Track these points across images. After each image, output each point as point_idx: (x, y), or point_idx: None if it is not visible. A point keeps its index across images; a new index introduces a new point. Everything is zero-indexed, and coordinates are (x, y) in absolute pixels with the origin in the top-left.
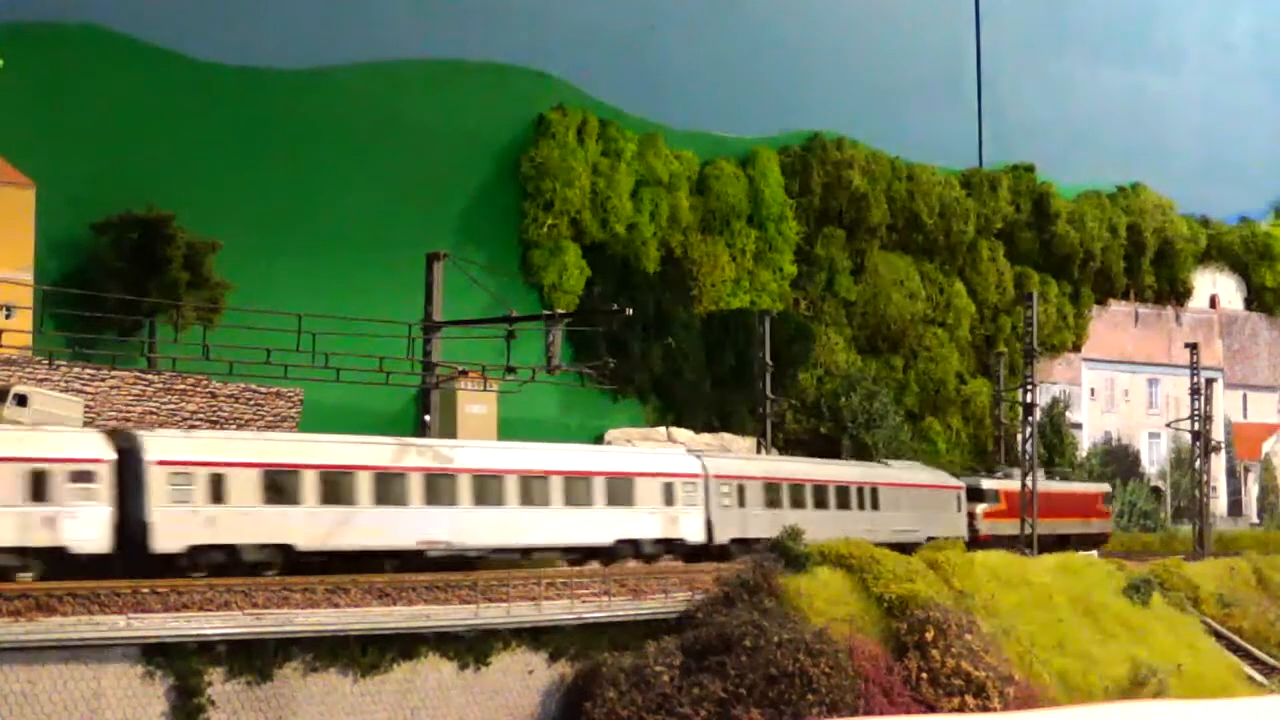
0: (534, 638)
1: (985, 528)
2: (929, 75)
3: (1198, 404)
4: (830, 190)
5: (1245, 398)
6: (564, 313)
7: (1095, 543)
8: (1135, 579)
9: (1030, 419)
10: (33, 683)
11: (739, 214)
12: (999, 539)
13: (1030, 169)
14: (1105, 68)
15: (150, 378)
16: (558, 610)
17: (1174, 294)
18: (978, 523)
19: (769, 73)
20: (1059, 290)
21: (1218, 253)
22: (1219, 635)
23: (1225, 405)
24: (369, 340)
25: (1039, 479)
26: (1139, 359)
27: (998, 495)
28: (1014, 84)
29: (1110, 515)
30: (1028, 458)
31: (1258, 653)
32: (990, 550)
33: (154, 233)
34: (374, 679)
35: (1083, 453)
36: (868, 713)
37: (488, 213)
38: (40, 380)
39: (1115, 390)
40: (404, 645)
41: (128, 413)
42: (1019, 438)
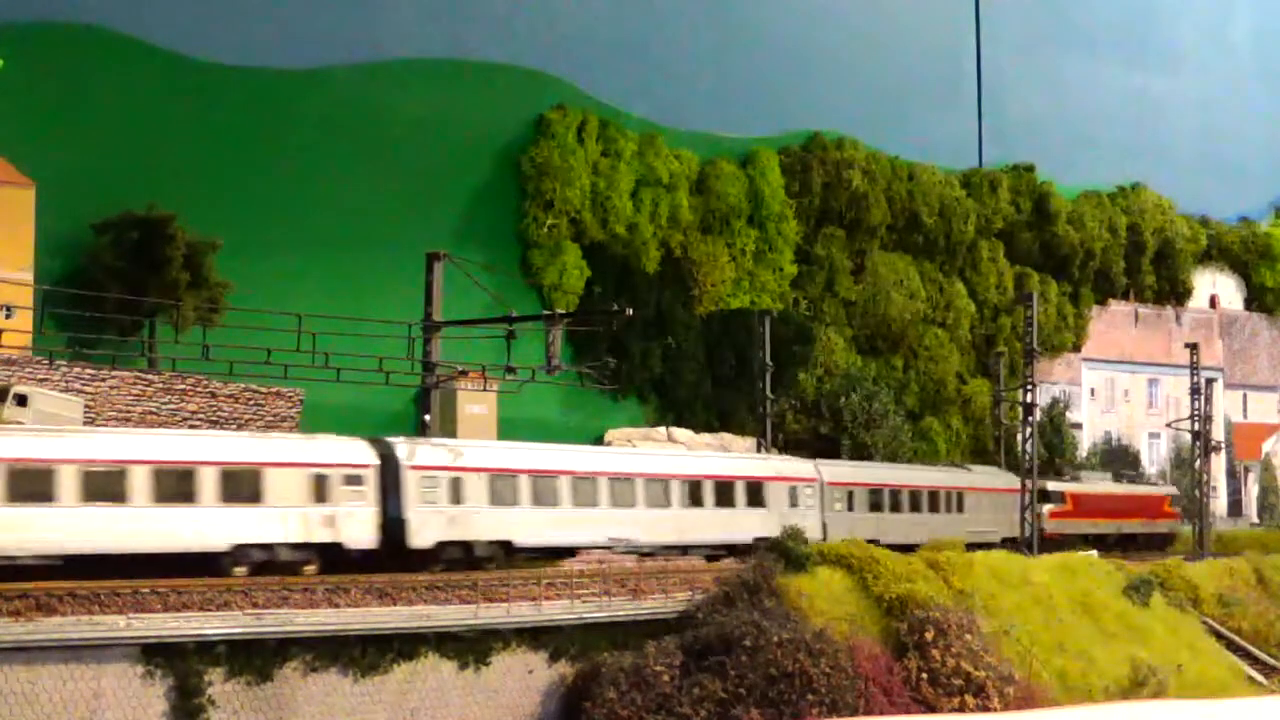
0: (534, 638)
1: (1052, 527)
2: (929, 75)
3: (1198, 404)
4: (830, 190)
5: (1245, 398)
6: (564, 313)
7: (1162, 543)
8: (1135, 579)
9: (1030, 419)
10: (33, 683)
11: (739, 214)
12: (1066, 537)
13: (1030, 169)
14: (1105, 68)
15: (150, 378)
16: (558, 610)
17: (1174, 294)
18: (1044, 522)
19: (769, 73)
20: (1059, 290)
21: (1218, 253)
22: (1219, 635)
23: (1225, 405)
24: (369, 340)
25: (1103, 481)
26: (1139, 359)
27: (1064, 497)
28: (1014, 84)
29: (1178, 516)
30: (1028, 458)
31: (1258, 653)
32: (991, 550)
33: (154, 233)
34: (374, 679)
35: (1083, 453)
36: (868, 713)
37: (488, 213)
38: (40, 380)
39: (1115, 390)
40: (404, 645)
41: (128, 413)
42: (1019, 438)
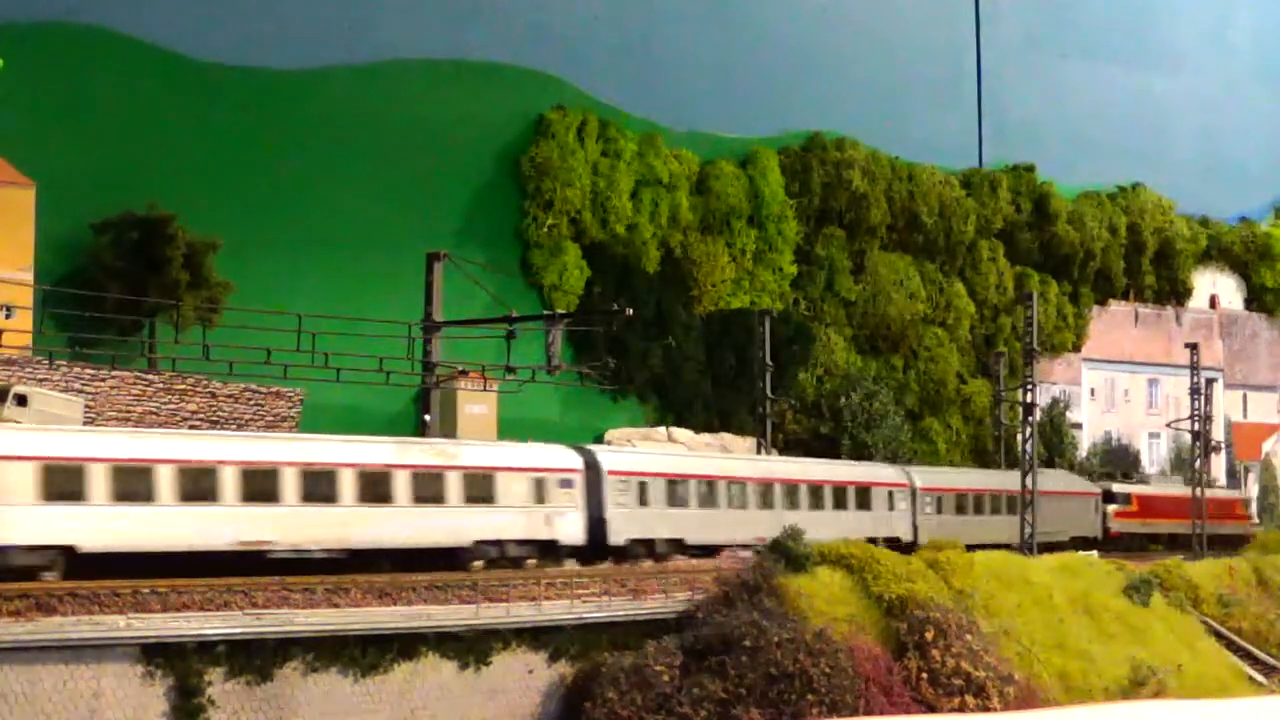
0: (534, 638)
1: (1117, 526)
2: (929, 75)
3: (1198, 404)
4: (830, 190)
5: (1245, 398)
6: (564, 313)
7: (1235, 544)
8: (1135, 579)
9: (1030, 419)
10: (33, 683)
11: (739, 214)
12: (1131, 536)
13: (1030, 169)
14: (1105, 68)
15: (150, 378)
16: (558, 610)
17: (1174, 294)
18: (1110, 522)
19: (769, 73)
20: (1059, 290)
21: (1218, 253)
22: (1219, 635)
23: (1225, 405)
24: (369, 340)
25: (1174, 484)
26: (1139, 359)
27: (1129, 498)
28: (1014, 84)
29: (1249, 519)
30: (1028, 458)
31: (1258, 653)
32: (993, 550)
33: (154, 233)
34: (374, 679)
35: (1083, 453)
36: (868, 713)
37: (488, 213)
38: (40, 380)
39: (1115, 390)
40: (404, 645)
41: (128, 413)
42: (1019, 438)
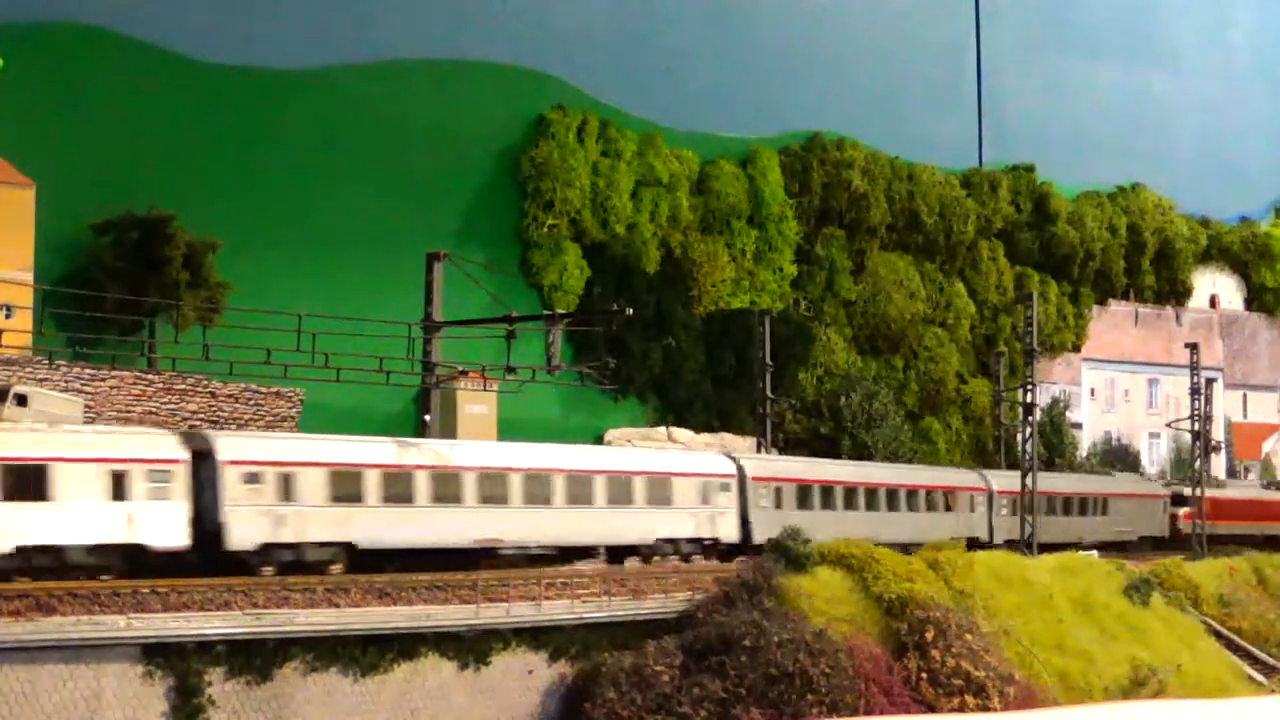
0: (534, 638)
1: (1185, 528)
2: (929, 75)
3: (1198, 404)
4: (830, 190)
5: (1245, 398)
6: (564, 313)
7: None
8: (1135, 579)
9: (1030, 419)
10: (33, 683)
11: (739, 214)
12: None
13: (1030, 169)
14: (1105, 68)
15: (150, 378)
16: (558, 610)
17: (1174, 294)
18: (1179, 523)
19: (769, 73)
20: (1059, 290)
21: (1218, 253)
22: (1219, 635)
23: (1225, 405)
24: (369, 340)
25: (1249, 488)
26: (1139, 359)
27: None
28: (1014, 84)
29: None
30: (1028, 458)
31: (1258, 653)
32: (993, 550)
33: (154, 233)
34: (374, 679)
35: (1083, 453)
36: (868, 713)
37: (488, 213)
38: (40, 380)
39: (1115, 390)
40: (404, 645)
41: (128, 413)
42: (1019, 438)
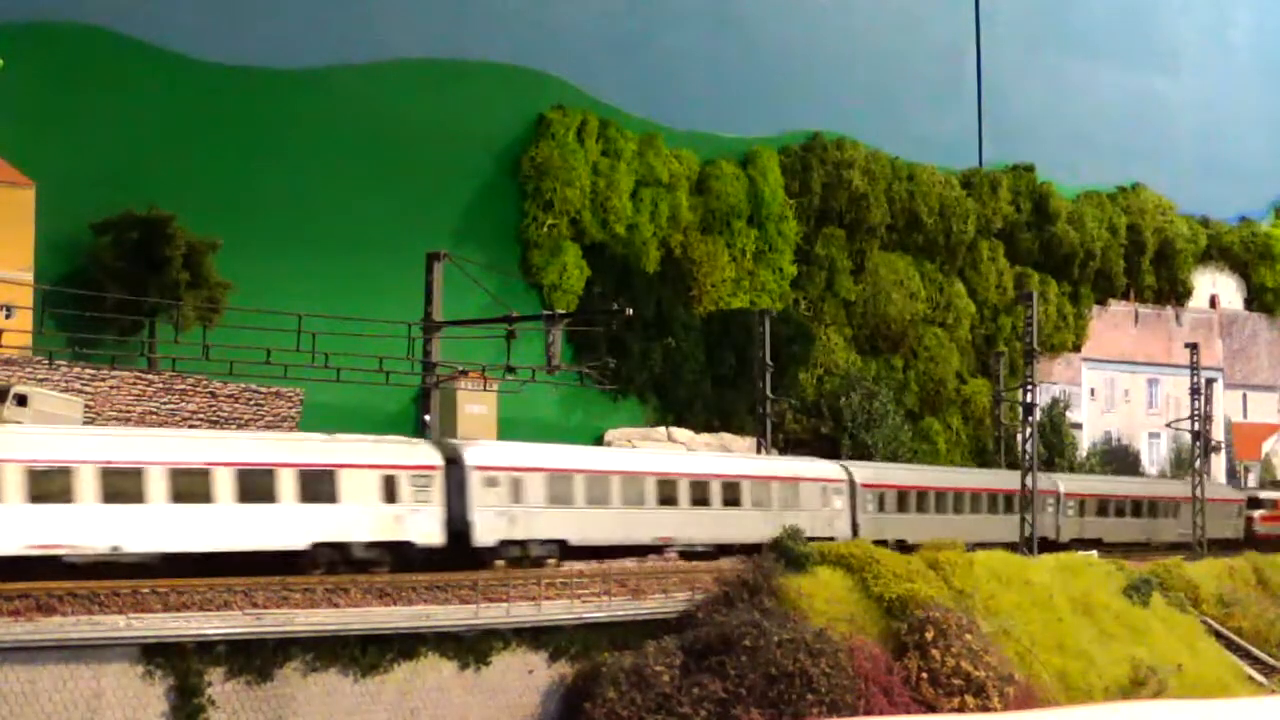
0: (534, 638)
1: (1262, 529)
2: (929, 75)
3: (1198, 404)
4: (830, 190)
5: (1245, 398)
6: (564, 313)
7: None
8: (1135, 579)
9: (1030, 419)
10: (33, 683)
11: (739, 214)
12: (1276, 537)
13: (1030, 169)
14: (1105, 68)
15: (150, 378)
16: (558, 610)
17: (1174, 294)
18: (1255, 525)
19: (769, 73)
20: (1059, 290)
21: (1218, 253)
22: (1219, 635)
23: (1225, 405)
24: (369, 340)
25: None
26: (1139, 359)
27: (1274, 504)
28: (1014, 84)
29: None
30: (1028, 458)
31: (1258, 653)
32: (993, 550)
33: (154, 233)
34: (374, 679)
35: (1083, 453)
36: (868, 713)
37: (488, 213)
38: (40, 380)
39: (1115, 390)
40: (404, 645)
41: (128, 413)
42: (1019, 438)
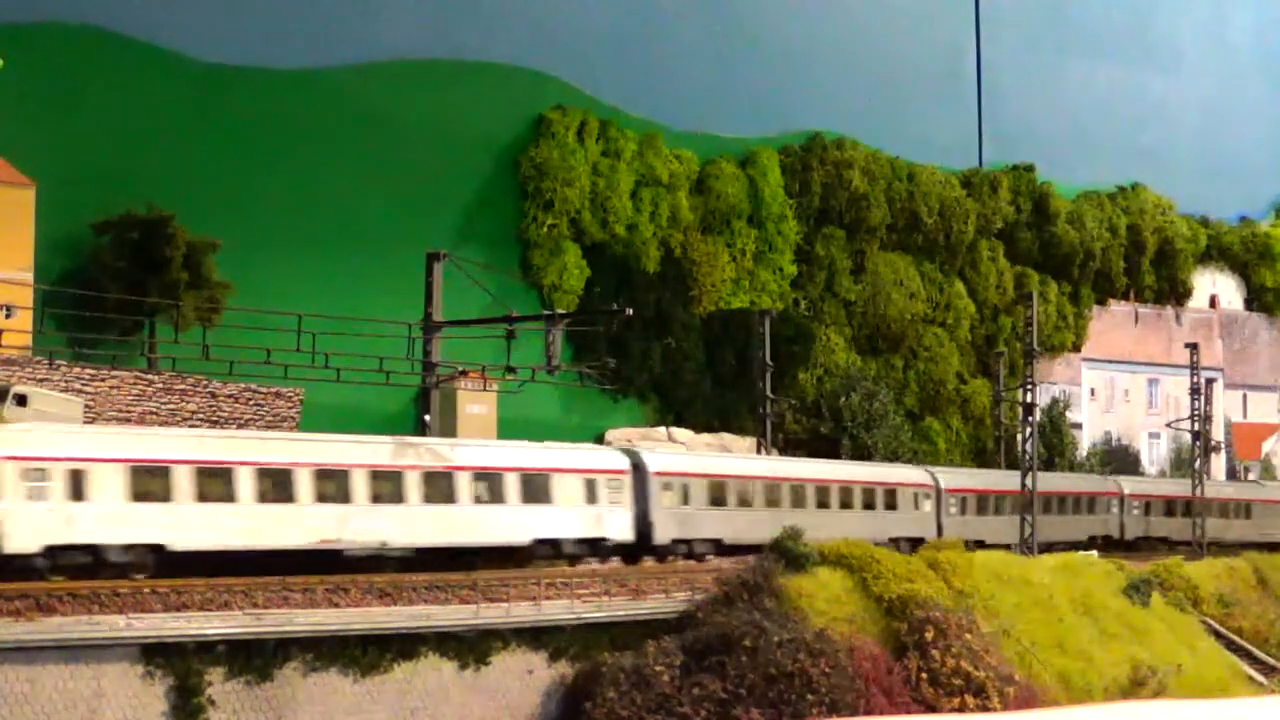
0: (534, 638)
1: None
2: (929, 75)
3: (1198, 404)
4: (830, 190)
5: (1245, 398)
6: (564, 313)
7: None
8: (1135, 579)
9: (1030, 419)
10: (33, 683)
11: (739, 214)
12: None
13: (1030, 169)
14: (1105, 68)
15: (150, 378)
16: (558, 610)
17: (1174, 294)
18: None
19: (769, 73)
20: (1059, 290)
21: (1218, 253)
22: (1219, 635)
23: (1225, 405)
24: (369, 340)
25: None
26: (1139, 359)
27: None
28: (1014, 84)
29: None
30: (1028, 458)
31: (1258, 653)
32: (991, 550)
33: (154, 233)
34: (374, 679)
35: (1082, 453)
36: (868, 713)
37: (488, 213)
38: (40, 380)
39: (1115, 390)
40: (404, 645)
41: (128, 413)
42: (1019, 438)
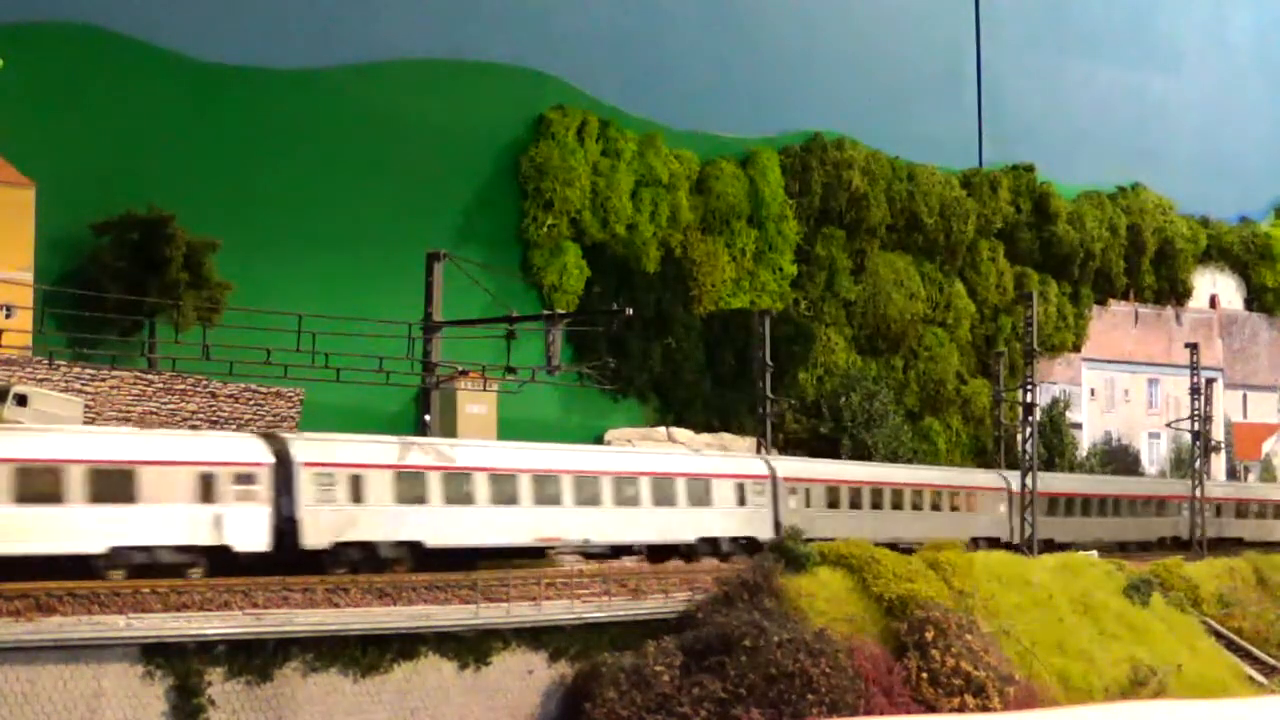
0: (534, 638)
1: None
2: (929, 75)
3: (1198, 404)
4: (830, 190)
5: (1245, 398)
6: (564, 313)
7: None
8: (1135, 579)
9: (1030, 419)
10: (33, 683)
11: (739, 214)
12: None
13: (1030, 169)
14: (1105, 68)
15: (150, 378)
16: (558, 610)
17: (1174, 294)
18: None
19: (769, 73)
20: (1059, 290)
21: (1218, 253)
22: (1219, 635)
23: (1225, 405)
24: (369, 340)
25: None
26: (1139, 359)
27: None
28: (1014, 84)
29: None
30: (1028, 458)
31: (1258, 653)
32: (991, 550)
33: (154, 233)
34: (374, 679)
35: (1082, 453)
36: (868, 713)
37: (488, 213)
38: (40, 380)
39: (1115, 390)
40: (404, 645)
41: (128, 413)
42: (1019, 438)
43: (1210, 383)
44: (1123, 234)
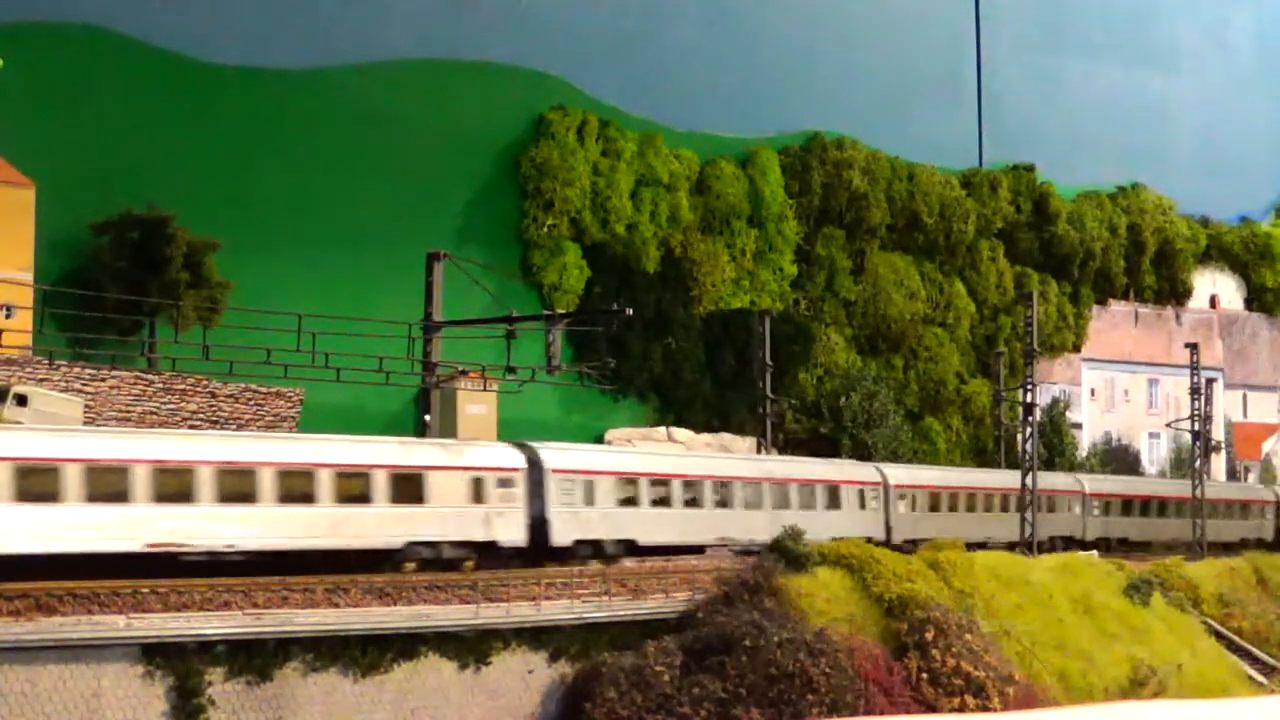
0: (534, 638)
1: None
2: (929, 75)
3: (1198, 404)
4: (830, 190)
5: (1245, 398)
6: (564, 313)
7: None
8: (1135, 579)
9: (1030, 419)
10: (33, 683)
11: (739, 214)
12: None
13: (1030, 169)
14: (1105, 68)
15: (150, 378)
16: (558, 610)
17: (1174, 294)
18: None
19: (769, 73)
20: (1059, 290)
21: (1218, 253)
22: (1219, 635)
23: (1225, 405)
24: (369, 340)
25: None
26: (1139, 359)
27: None
28: (1014, 84)
29: None
30: (1028, 458)
31: (1258, 653)
32: (991, 550)
33: (154, 233)
34: (374, 679)
35: (1082, 453)
36: (868, 713)
37: (488, 213)
38: (40, 380)
39: (1115, 390)
40: (404, 645)
41: (128, 413)
42: (1019, 438)
43: (1210, 383)
44: (1123, 234)
